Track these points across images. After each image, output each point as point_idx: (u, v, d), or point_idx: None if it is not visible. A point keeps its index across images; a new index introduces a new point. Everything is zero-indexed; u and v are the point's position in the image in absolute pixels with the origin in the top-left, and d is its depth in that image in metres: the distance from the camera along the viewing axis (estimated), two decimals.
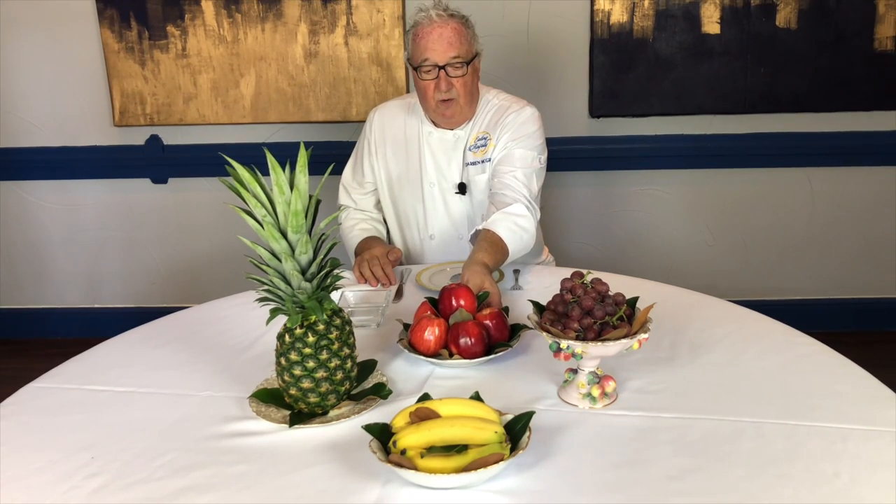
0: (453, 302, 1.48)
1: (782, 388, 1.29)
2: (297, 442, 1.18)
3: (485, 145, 2.01)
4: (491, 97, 2.08)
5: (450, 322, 1.44)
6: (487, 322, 1.44)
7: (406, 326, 1.50)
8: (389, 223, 2.20)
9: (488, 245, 1.74)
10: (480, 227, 1.81)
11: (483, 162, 2.02)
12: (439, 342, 1.41)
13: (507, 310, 1.55)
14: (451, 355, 1.41)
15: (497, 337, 1.44)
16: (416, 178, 2.09)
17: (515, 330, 1.48)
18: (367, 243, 2.08)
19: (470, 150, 2.03)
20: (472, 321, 1.42)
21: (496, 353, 1.41)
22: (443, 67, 1.90)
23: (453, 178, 2.06)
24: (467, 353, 1.39)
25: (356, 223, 2.17)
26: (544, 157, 2.03)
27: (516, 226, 1.82)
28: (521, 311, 1.58)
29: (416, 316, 1.48)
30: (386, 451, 1.09)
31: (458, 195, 2.06)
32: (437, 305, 1.52)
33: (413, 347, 1.43)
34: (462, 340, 1.39)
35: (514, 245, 1.79)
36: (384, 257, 1.88)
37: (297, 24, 2.99)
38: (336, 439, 1.18)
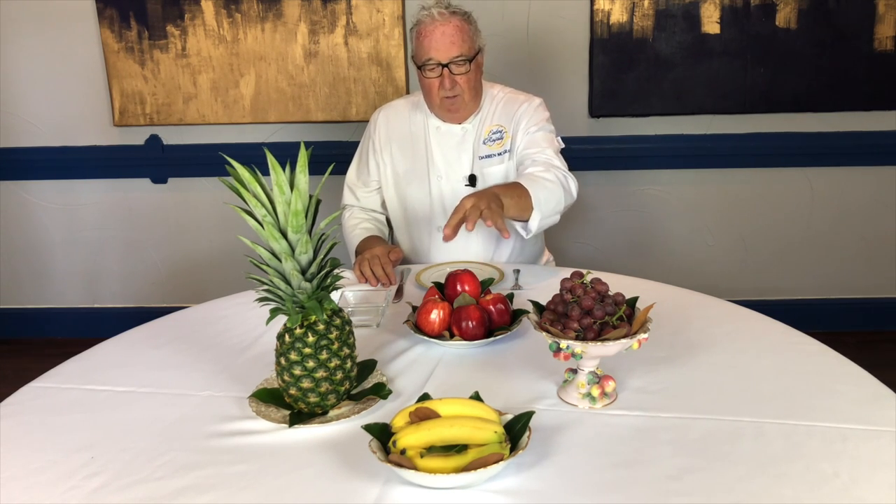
0: (458, 287, 1.57)
1: (782, 388, 1.29)
2: (297, 442, 1.18)
3: (501, 138, 2.06)
4: (496, 92, 2.13)
5: (454, 305, 1.51)
6: (490, 307, 1.51)
7: (415, 309, 1.57)
8: (395, 219, 2.20)
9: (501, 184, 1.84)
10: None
11: (500, 154, 2.06)
12: (443, 324, 1.49)
13: (510, 297, 1.58)
14: (452, 336, 1.48)
15: (498, 321, 1.51)
16: (423, 172, 2.10)
17: (517, 316, 1.53)
18: (368, 243, 2.08)
19: (484, 143, 2.07)
20: (474, 305, 1.50)
21: (496, 335, 1.47)
22: (446, 65, 1.94)
23: (463, 171, 2.08)
24: (468, 335, 1.46)
25: (358, 223, 2.17)
26: (559, 140, 2.10)
27: (535, 176, 1.87)
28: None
29: (424, 299, 1.55)
30: (386, 450, 1.09)
31: (468, 187, 2.07)
32: (444, 291, 1.60)
33: (418, 329, 1.50)
34: (464, 323, 1.46)
35: (534, 188, 1.80)
36: (385, 256, 1.89)
37: (297, 23, 2.99)
38: (336, 439, 1.18)
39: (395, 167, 2.14)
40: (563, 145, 2.09)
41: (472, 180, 2.07)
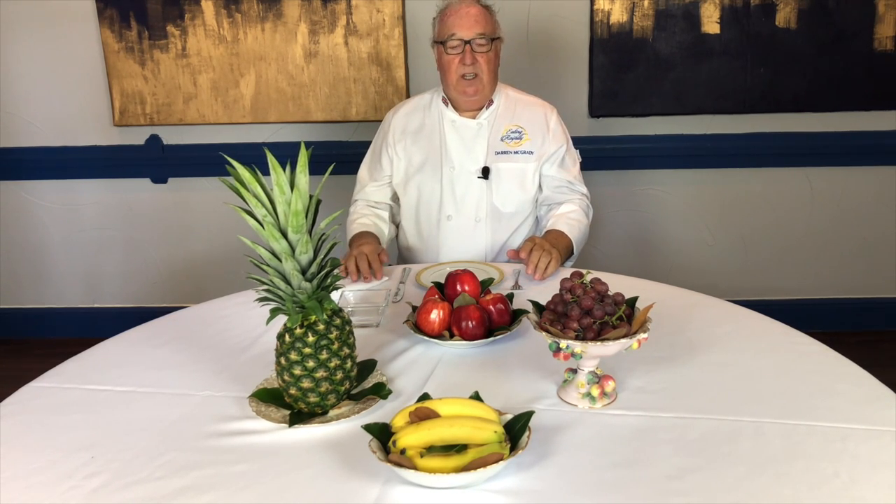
0: (458, 287, 1.57)
1: (782, 388, 1.29)
2: (297, 442, 1.18)
3: (519, 138, 2.12)
4: (510, 92, 2.20)
5: (454, 305, 1.51)
6: (490, 307, 1.51)
7: (415, 309, 1.56)
8: (405, 207, 2.23)
9: (552, 237, 2.02)
10: (546, 230, 2.08)
11: (517, 153, 2.12)
12: (443, 324, 1.49)
13: (510, 297, 1.59)
14: (452, 336, 1.48)
15: (498, 321, 1.51)
16: (436, 163, 2.15)
17: (517, 316, 1.53)
18: (360, 238, 2.10)
19: (502, 140, 2.12)
20: (474, 305, 1.50)
21: (496, 335, 1.47)
22: (468, 42, 2.01)
23: (477, 163, 2.12)
24: (468, 335, 1.46)
25: (358, 217, 2.21)
26: (578, 153, 2.25)
27: (571, 219, 2.09)
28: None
29: (424, 299, 1.55)
30: (385, 450, 1.09)
31: (481, 179, 2.12)
32: (444, 291, 1.60)
33: (418, 328, 1.49)
34: (464, 323, 1.46)
35: (575, 234, 2.07)
36: (373, 254, 1.93)
37: (297, 23, 2.99)
38: (336, 439, 1.18)
39: (410, 160, 2.18)
40: (580, 158, 2.22)
41: (486, 172, 2.11)
